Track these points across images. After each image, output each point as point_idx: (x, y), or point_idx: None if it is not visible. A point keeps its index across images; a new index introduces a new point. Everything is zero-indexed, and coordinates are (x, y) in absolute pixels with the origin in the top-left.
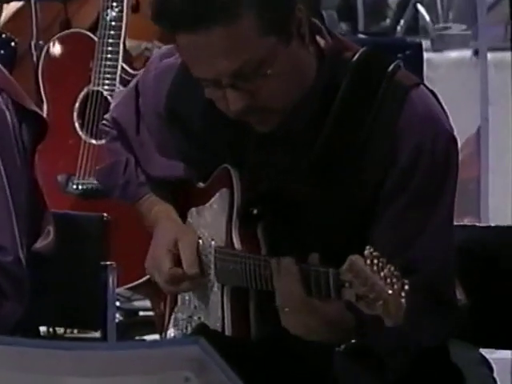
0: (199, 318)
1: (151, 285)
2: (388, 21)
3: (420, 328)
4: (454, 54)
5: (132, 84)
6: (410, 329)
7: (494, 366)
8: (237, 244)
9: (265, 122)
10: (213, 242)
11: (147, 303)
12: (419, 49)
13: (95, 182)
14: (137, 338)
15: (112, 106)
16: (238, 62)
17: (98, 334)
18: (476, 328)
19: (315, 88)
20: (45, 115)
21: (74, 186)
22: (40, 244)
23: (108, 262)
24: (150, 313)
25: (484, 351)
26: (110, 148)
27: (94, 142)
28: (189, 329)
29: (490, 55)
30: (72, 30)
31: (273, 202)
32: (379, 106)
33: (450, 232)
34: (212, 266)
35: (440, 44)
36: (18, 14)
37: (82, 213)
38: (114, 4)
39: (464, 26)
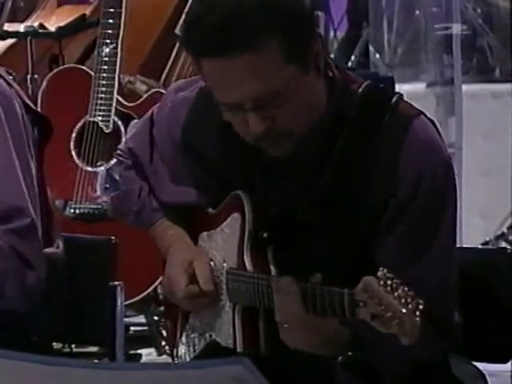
0: (210, 335)
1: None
2: (332, 56)
3: (418, 344)
4: (406, 87)
5: (147, 115)
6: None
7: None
8: (248, 266)
9: (278, 147)
10: (225, 264)
11: (137, 319)
12: (392, 82)
13: (91, 206)
14: (131, 351)
15: (128, 137)
16: (262, 88)
17: (95, 349)
18: (467, 342)
19: (325, 117)
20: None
21: (72, 210)
22: (50, 250)
23: (116, 282)
24: (139, 328)
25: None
26: (125, 176)
27: (89, 169)
28: (200, 346)
29: (439, 89)
30: (68, 65)
31: (282, 226)
32: (384, 135)
33: (450, 256)
34: (224, 286)
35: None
36: (11, 48)
37: (92, 236)
38: (109, 41)
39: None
